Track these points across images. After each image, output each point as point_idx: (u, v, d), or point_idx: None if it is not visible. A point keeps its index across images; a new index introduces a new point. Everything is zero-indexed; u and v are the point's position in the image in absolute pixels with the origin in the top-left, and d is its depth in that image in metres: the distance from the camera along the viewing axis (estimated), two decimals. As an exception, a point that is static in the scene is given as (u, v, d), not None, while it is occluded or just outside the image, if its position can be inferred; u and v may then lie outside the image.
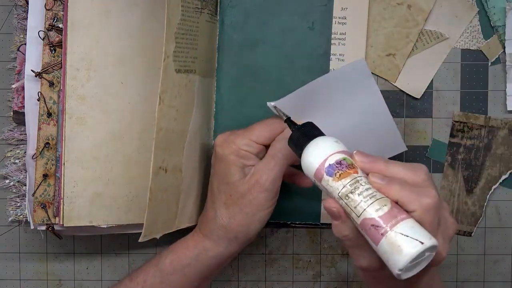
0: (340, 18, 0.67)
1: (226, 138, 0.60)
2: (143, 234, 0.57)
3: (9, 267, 0.71)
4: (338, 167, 0.49)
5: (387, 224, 0.46)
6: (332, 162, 0.49)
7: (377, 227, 0.46)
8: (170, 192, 0.60)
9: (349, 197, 0.48)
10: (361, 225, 0.47)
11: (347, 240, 0.50)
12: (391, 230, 0.46)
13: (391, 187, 0.48)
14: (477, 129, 0.69)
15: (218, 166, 0.60)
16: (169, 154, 0.59)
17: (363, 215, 0.47)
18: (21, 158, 0.68)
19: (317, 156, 0.50)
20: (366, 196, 0.48)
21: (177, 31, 0.59)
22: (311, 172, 0.51)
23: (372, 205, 0.47)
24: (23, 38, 0.67)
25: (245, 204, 0.58)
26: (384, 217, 0.46)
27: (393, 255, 0.45)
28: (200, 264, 0.60)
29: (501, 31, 0.68)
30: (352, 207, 0.48)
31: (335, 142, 0.51)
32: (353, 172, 0.49)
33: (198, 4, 0.62)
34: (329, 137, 0.52)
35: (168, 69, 0.58)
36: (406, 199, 0.47)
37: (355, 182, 0.48)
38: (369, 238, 0.47)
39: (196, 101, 0.63)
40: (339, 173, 0.49)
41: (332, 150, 0.50)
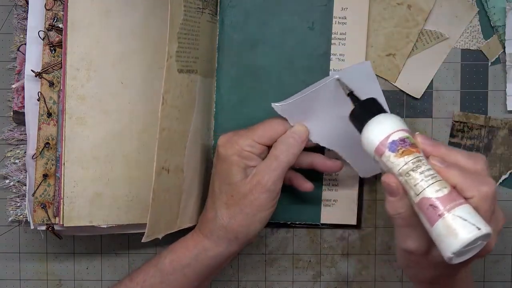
0: (340, 18, 0.67)
1: (229, 138, 0.60)
2: (146, 235, 0.57)
3: (9, 267, 0.71)
4: (402, 144, 0.49)
5: (445, 206, 0.46)
6: (395, 138, 0.49)
7: (435, 208, 0.46)
8: (172, 192, 0.61)
9: (409, 174, 0.48)
10: (419, 204, 0.47)
11: (400, 218, 0.50)
12: (449, 213, 0.46)
13: (450, 171, 0.48)
14: (477, 129, 0.69)
15: (220, 166, 0.60)
16: (171, 154, 0.59)
17: (422, 194, 0.47)
18: (21, 158, 0.68)
19: (380, 131, 0.50)
20: (428, 176, 0.47)
21: (179, 31, 0.59)
22: (371, 146, 0.50)
23: (433, 186, 0.47)
24: (23, 38, 0.67)
25: (246, 204, 0.58)
26: (443, 198, 0.46)
27: (448, 237, 0.45)
28: (199, 264, 0.60)
29: (501, 31, 0.68)
30: (412, 184, 0.48)
31: (399, 120, 0.51)
32: (416, 151, 0.49)
33: (200, 4, 0.62)
34: (393, 114, 0.52)
35: (171, 69, 0.58)
36: (464, 185, 0.47)
37: (417, 161, 0.48)
38: (425, 218, 0.47)
39: (197, 101, 0.63)
40: (402, 150, 0.49)
41: (396, 127, 0.50)
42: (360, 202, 0.70)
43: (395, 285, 0.71)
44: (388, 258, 0.71)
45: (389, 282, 0.71)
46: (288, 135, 0.59)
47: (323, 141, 0.61)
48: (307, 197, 0.68)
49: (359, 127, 0.52)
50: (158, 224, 0.59)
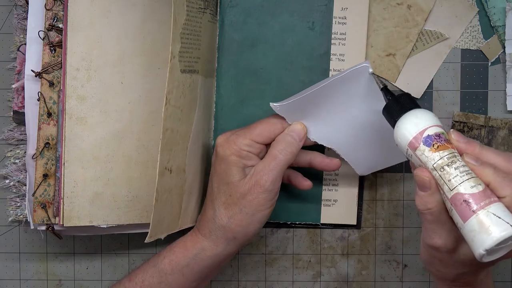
0: (340, 18, 0.67)
1: (227, 138, 0.60)
2: (149, 235, 0.57)
3: (9, 267, 0.71)
4: (437, 139, 0.49)
5: (479, 202, 0.46)
6: (431, 133, 0.49)
7: (469, 204, 0.46)
8: (174, 192, 0.60)
9: (444, 169, 0.48)
10: (452, 199, 0.47)
11: (429, 214, 0.49)
12: (483, 209, 0.46)
13: (484, 170, 0.48)
14: (477, 129, 0.69)
15: (218, 166, 0.60)
16: (174, 154, 0.59)
17: (457, 189, 0.47)
18: (21, 158, 0.68)
19: (415, 125, 0.50)
20: (462, 171, 0.47)
21: (182, 31, 0.59)
22: (405, 140, 0.50)
23: (468, 181, 0.47)
24: (23, 38, 0.67)
25: (244, 204, 0.58)
26: (478, 195, 0.46)
27: (481, 234, 0.45)
28: (198, 264, 0.60)
29: (501, 31, 0.68)
30: (446, 179, 0.48)
31: (434, 116, 0.51)
32: (451, 147, 0.49)
33: (201, 4, 0.62)
34: (428, 110, 0.52)
35: (174, 69, 0.58)
36: (498, 184, 0.47)
37: (452, 156, 0.48)
38: (458, 214, 0.47)
39: (199, 101, 0.63)
40: (437, 145, 0.49)
41: (431, 123, 0.50)
42: (360, 202, 0.70)
43: (395, 285, 0.71)
44: (388, 258, 0.71)
45: (389, 282, 0.71)
46: (286, 134, 0.59)
47: (322, 140, 0.61)
48: (307, 197, 0.68)
49: (392, 121, 0.52)
50: (161, 224, 0.59)
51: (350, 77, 0.58)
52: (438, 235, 0.50)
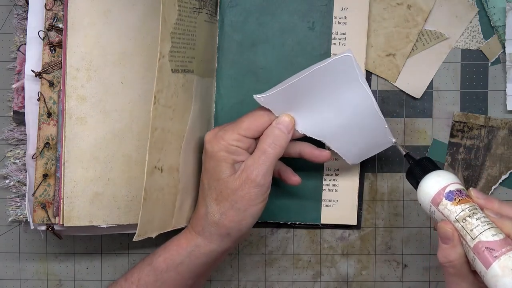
0: (340, 18, 0.67)
1: (215, 134, 0.59)
2: (137, 234, 0.57)
3: (9, 267, 0.71)
4: (458, 194, 0.53)
5: (501, 249, 0.48)
6: (452, 189, 0.53)
7: (492, 250, 0.48)
8: (167, 191, 0.60)
9: (466, 220, 0.51)
10: (475, 247, 0.49)
11: (451, 266, 0.51)
12: (505, 254, 0.48)
13: (504, 222, 0.51)
14: (477, 129, 0.69)
15: (208, 163, 0.60)
16: (165, 154, 0.59)
17: (479, 237, 0.49)
18: (21, 158, 0.68)
19: (438, 183, 0.54)
20: (484, 222, 0.50)
21: (173, 31, 0.59)
22: (428, 197, 0.54)
23: (489, 230, 0.50)
24: (23, 38, 0.67)
25: (236, 200, 0.58)
26: (500, 242, 0.49)
27: (504, 278, 0.47)
28: (193, 261, 0.60)
29: (501, 31, 0.68)
30: (469, 229, 0.50)
31: (454, 175, 0.54)
32: (471, 201, 0.52)
33: (196, 4, 0.62)
34: (447, 171, 0.56)
35: (163, 68, 0.58)
36: None
37: (473, 208, 0.51)
38: (480, 261, 0.49)
39: (194, 101, 0.63)
40: (459, 199, 0.52)
41: (453, 180, 0.54)
42: (360, 202, 0.70)
43: (395, 285, 0.71)
44: (388, 258, 0.71)
45: (389, 282, 0.71)
46: (274, 127, 0.59)
47: (309, 131, 0.61)
48: (307, 197, 0.68)
49: (415, 182, 0.56)
50: (150, 223, 0.59)
51: (333, 67, 0.57)
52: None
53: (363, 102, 0.59)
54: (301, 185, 0.65)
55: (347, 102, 0.59)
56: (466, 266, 0.51)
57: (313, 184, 0.68)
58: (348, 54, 0.57)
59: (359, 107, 0.60)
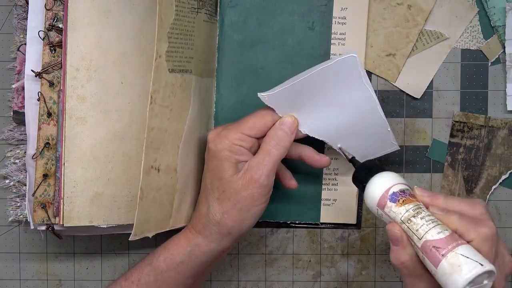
0: (340, 18, 0.67)
1: (218, 133, 0.60)
2: (133, 233, 0.57)
3: (9, 267, 0.71)
4: (402, 194, 0.52)
5: (447, 245, 0.48)
6: (396, 190, 0.53)
7: (438, 248, 0.48)
8: (164, 191, 0.60)
9: (411, 220, 0.50)
10: (422, 247, 0.49)
11: (404, 268, 0.51)
12: (452, 251, 0.48)
13: (450, 217, 0.50)
14: (477, 129, 0.69)
15: (211, 162, 0.60)
16: (161, 153, 0.59)
17: (425, 237, 0.49)
18: (21, 158, 0.68)
19: (381, 185, 0.53)
20: (428, 220, 0.50)
21: (170, 31, 0.59)
22: (374, 201, 0.53)
23: (434, 228, 0.49)
24: (23, 38, 0.67)
25: (238, 200, 0.58)
26: (446, 239, 0.48)
27: (453, 275, 0.47)
28: (193, 261, 0.60)
29: (501, 31, 0.68)
30: (414, 230, 0.50)
31: (397, 176, 0.54)
32: (416, 200, 0.52)
33: (195, 4, 0.62)
34: (391, 172, 0.55)
35: (159, 68, 0.58)
36: (464, 228, 0.49)
37: (417, 208, 0.51)
38: (429, 261, 0.49)
39: (192, 101, 0.63)
40: (402, 200, 0.52)
41: (396, 181, 0.53)
42: (360, 202, 0.70)
43: (395, 285, 0.71)
44: (388, 258, 0.71)
45: (389, 282, 0.71)
46: (277, 128, 0.59)
47: (313, 131, 0.61)
48: (306, 197, 0.68)
49: (362, 187, 0.55)
50: (147, 222, 0.59)
51: (338, 67, 0.58)
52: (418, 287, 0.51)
53: (367, 103, 0.59)
54: (300, 185, 0.65)
55: (350, 103, 0.59)
56: (419, 266, 0.51)
57: (313, 184, 0.68)
58: (353, 54, 0.57)
59: (362, 109, 0.60)
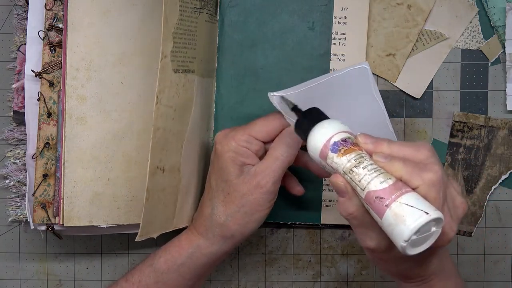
0: (340, 18, 0.67)
1: (226, 134, 0.60)
2: (139, 234, 0.57)
3: (9, 267, 0.71)
4: (343, 143, 0.49)
5: (391, 195, 0.46)
6: (337, 139, 0.49)
7: (382, 199, 0.46)
8: (168, 192, 0.60)
9: (353, 171, 0.48)
10: (366, 198, 0.47)
11: (353, 218, 0.49)
12: (396, 201, 0.45)
13: (393, 164, 0.48)
14: (477, 129, 0.69)
15: (217, 163, 0.60)
16: (166, 154, 0.59)
17: (368, 187, 0.47)
18: (21, 158, 0.68)
19: (322, 135, 0.50)
20: (371, 169, 0.47)
21: (175, 31, 0.59)
22: (316, 152, 0.50)
23: (377, 178, 0.47)
24: (23, 38, 0.67)
25: (243, 203, 0.58)
26: (389, 189, 0.46)
27: (398, 226, 0.45)
28: (194, 262, 0.60)
29: (501, 31, 0.68)
30: (357, 180, 0.47)
31: (340, 123, 0.51)
32: (358, 149, 0.49)
33: (197, 4, 0.62)
34: (335, 119, 0.52)
35: (165, 68, 0.58)
36: (409, 175, 0.47)
37: (359, 157, 0.48)
38: (374, 212, 0.46)
39: (195, 101, 0.63)
40: (344, 149, 0.49)
41: (337, 130, 0.50)
42: (360, 202, 0.70)
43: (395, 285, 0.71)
44: (388, 258, 0.71)
45: (389, 282, 0.71)
46: (285, 135, 0.59)
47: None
48: (307, 198, 0.68)
49: (305, 135, 0.52)
50: (152, 223, 0.59)
51: (349, 76, 0.58)
52: (369, 238, 0.50)
53: (376, 116, 0.59)
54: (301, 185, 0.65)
55: (359, 113, 0.59)
56: (367, 215, 0.48)
57: (313, 184, 0.68)
58: (365, 66, 0.57)
59: (371, 120, 0.59)
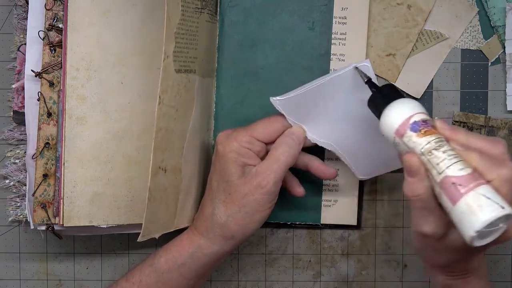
0: (340, 18, 0.67)
1: (227, 135, 0.60)
2: (141, 234, 0.57)
3: (9, 267, 0.71)
4: (424, 124, 0.49)
5: (468, 184, 0.45)
6: (417, 119, 0.49)
7: (459, 185, 0.45)
8: (170, 192, 0.60)
9: (432, 153, 0.47)
10: (442, 182, 0.46)
11: (418, 200, 0.49)
12: (473, 191, 0.45)
13: (470, 154, 0.48)
14: (477, 129, 0.69)
15: (218, 163, 0.60)
16: (168, 154, 0.59)
17: (446, 172, 0.46)
18: (21, 158, 0.68)
19: (401, 112, 0.50)
20: (450, 155, 0.47)
21: (177, 31, 0.59)
22: (391, 128, 0.50)
23: (456, 164, 0.46)
24: (23, 38, 0.67)
25: (244, 204, 0.58)
26: (467, 177, 0.46)
27: (471, 216, 0.44)
28: (195, 262, 0.60)
29: (501, 31, 0.68)
30: (435, 163, 0.47)
31: (419, 104, 0.51)
32: (437, 132, 0.49)
33: (198, 4, 0.62)
34: (413, 99, 0.51)
35: (168, 69, 0.58)
36: (484, 167, 0.47)
37: (439, 140, 0.48)
38: (447, 197, 0.46)
39: (195, 101, 0.63)
40: (424, 130, 0.48)
41: (418, 110, 0.50)
42: (360, 202, 0.70)
43: (395, 285, 0.71)
44: (388, 258, 0.71)
45: (389, 282, 0.71)
46: (287, 136, 0.59)
47: (321, 141, 0.61)
48: (307, 197, 0.68)
49: (378, 112, 0.52)
50: (154, 223, 0.59)
51: (351, 76, 0.58)
52: (428, 222, 0.49)
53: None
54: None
55: (360, 114, 0.59)
56: (433, 200, 0.48)
57: (313, 184, 0.68)
58: (366, 64, 0.57)
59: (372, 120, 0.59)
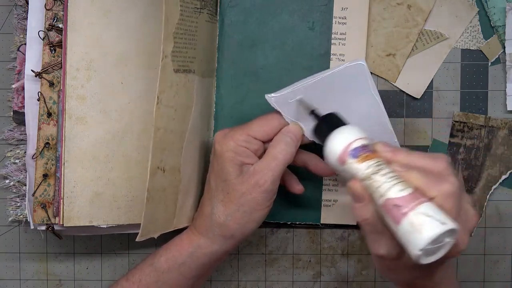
0: (340, 18, 0.67)
1: (225, 134, 0.60)
2: (140, 234, 0.57)
3: (9, 267, 0.71)
4: (363, 149, 0.50)
5: (409, 204, 0.46)
6: (357, 145, 0.50)
7: (400, 207, 0.46)
8: (168, 192, 0.61)
9: (372, 177, 0.49)
10: (383, 205, 0.47)
11: (367, 224, 0.50)
12: (413, 210, 0.46)
13: (411, 174, 0.49)
14: (477, 129, 0.69)
15: (216, 163, 0.60)
16: (167, 154, 0.59)
17: (386, 195, 0.47)
18: (21, 158, 0.68)
19: (342, 140, 0.51)
20: (390, 177, 0.48)
21: (175, 31, 0.59)
22: (334, 156, 0.51)
23: (396, 186, 0.47)
24: (23, 38, 0.67)
25: (242, 203, 0.58)
26: (407, 197, 0.47)
27: (413, 234, 0.45)
28: (195, 262, 0.60)
29: (501, 31, 0.68)
30: (375, 187, 0.48)
31: (359, 130, 0.52)
32: (377, 156, 0.50)
33: (198, 4, 0.62)
34: (353, 125, 0.53)
35: (166, 68, 0.58)
36: (426, 185, 0.48)
37: (379, 164, 0.49)
38: (390, 218, 0.47)
39: (195, 101, 0.63)
40: (364, 155, 0.50)
41: (357, 136, 0.51)
42: (360, 202, 0.70)
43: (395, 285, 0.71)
44: (388, 258, 0.71)
45: (389, 282, 0.71)
46: (284, 134, 0.59)
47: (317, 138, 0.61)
48: (307, 197, 0.68)
49: (323, 139, 0.53)
50: (153, 223, 0.59)
51: (345, 74, 0.58)
52: (381, 245, 0.50)
53: (374, 112, 0.59)
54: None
55: (357, 111, 0.59)
56: (381, 223, 0.49)
57: (313, 184, 0.68)
58: (361, 62, 0.57)
59: (369, 118, 0.59)
